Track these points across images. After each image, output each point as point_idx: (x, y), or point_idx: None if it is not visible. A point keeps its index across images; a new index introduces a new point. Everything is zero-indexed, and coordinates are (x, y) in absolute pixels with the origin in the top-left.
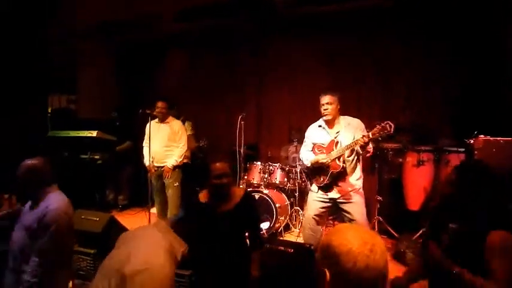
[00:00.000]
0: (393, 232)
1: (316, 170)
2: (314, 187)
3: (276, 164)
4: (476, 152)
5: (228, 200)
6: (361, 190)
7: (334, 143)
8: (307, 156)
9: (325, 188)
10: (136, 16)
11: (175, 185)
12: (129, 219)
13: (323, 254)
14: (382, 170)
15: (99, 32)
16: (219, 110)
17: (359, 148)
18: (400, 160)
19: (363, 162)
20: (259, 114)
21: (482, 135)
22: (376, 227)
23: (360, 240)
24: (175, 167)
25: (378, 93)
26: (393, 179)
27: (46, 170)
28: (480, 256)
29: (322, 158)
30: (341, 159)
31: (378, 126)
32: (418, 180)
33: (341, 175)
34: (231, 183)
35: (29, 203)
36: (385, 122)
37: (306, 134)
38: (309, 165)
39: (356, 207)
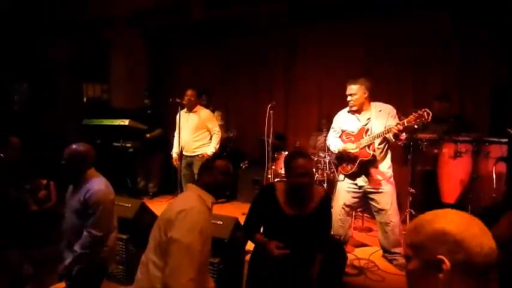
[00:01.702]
0: None
1: (343, 158)
2: (342, 176)
3: None
4: None
5: (305, 202)
6: (392, 179)
7: (364, 131)
8: (335, 143)
9: (353, 176)
10: (165, 5)
11: None
12: (159, 207)
13: (439, 242)
14: (415, 161)
15: (128, 22)
16: (245, 102)
17: (391, 136)
18: (436, 151)
19: (395, 153)
20: (287, 104)
21: None
22: (407, 219)
23: (474, 224)
24: (214, 154)
25: (411, 81)
26: (427, 171)
27: (89, 154)
28: None
29: (351, 147)
30: (371, 147)
31: (414, 113)
32: (454, 173)
33: (370, 163)
34: (313, 183)
35: (71, 186)
36: (423, 110)
37: (335, 120)
38: (336, 152)
39: (386, 197)
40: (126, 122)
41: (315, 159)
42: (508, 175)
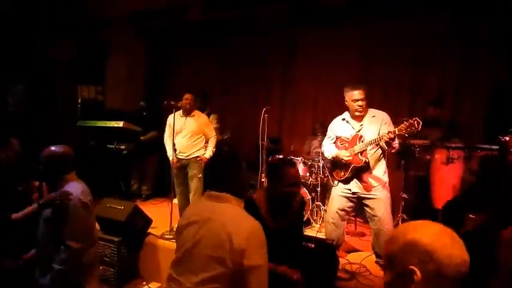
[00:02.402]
0: None
1: (337, 164)
2: (336, 182)
3: (298, 158)
4: (511, 149)
5: (288, 212)
6: (387, 185)
7: (357, 137)
8: (329, 149)
9: (346, 182)
10: (165, 6)
11: (199, 176)
12: (152, 209)
13: (411, 253)
14: (408, 166)
15: (128, 22)
16: (243, 103)
17: (384, 144)
18: (428, 157)
19: (389, 158)
20: (282, 108)
21: None
22: (399, 224)
23: (446, 235)
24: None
25: (406, 87)
26: (420, 177)
27: (69, 157)
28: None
29: (344, 154)
30: (363, 154)
31: (405, 122)
32: (446, 178)
33: (363, 169)
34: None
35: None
36: (413, 119)
37: (330, 127)
38: (329, 158)
39: (380, 203)
40: (121, 123)
41: (309, 163)
42: (500, 181)
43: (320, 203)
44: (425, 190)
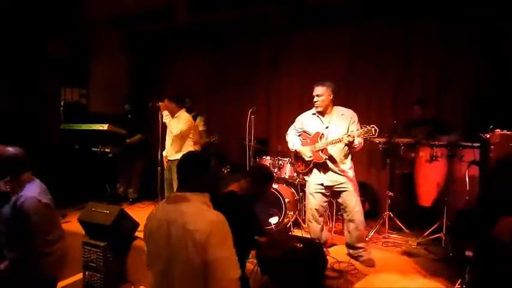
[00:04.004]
0: (404, 228)
1: (298, 158)
2: (310, 178)
3: (285, 159)
4: (492, 146)
5: None
6: (354, 179)
7: (319, 136)
8: (294, 140)
9: (314, 176)
10: (148, 8)
11: None
12: (139, 213)
13: None
14: (393, 165)
15: (111, 25)
16: (229, 104)
17: (344, 144)
18: (413, 155)
19: (374, 157)
20: (269, 109)
21: (498, 130)
22: (386, 222)
23: None
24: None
25: (390, 87)
26: (405, 174)
27: (21, 157)
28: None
29: (306, 153)
30: (323, 151)
31: (363, 128)
32: (431, 176)
33: (323, 165)
34: None
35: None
36: (371, 126)
37: (298, 119)
38: (292, 149)
39: (350, 195)
40: (105, 126)
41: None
42: (480, 178)
43: None
44: (410, 188)
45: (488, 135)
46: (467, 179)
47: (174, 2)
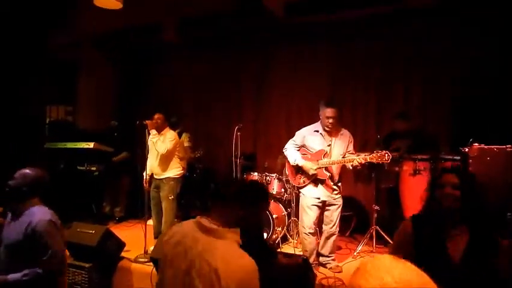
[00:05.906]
0: (390, 241)
1: (299, 170)
2: (306, 191)
3: (272, 175)
4: (471, 160)
5: None
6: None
7: (323, 153)
8: (294, 155)
9: (310, 190)
10: (135, 27)
11: (170, 197)
12: (126, 232)
13: None
14: (379, 179)
15: (98, 42)
16: (216, 121)
17: (349, 165)
18: (397, 169)
19: (360, 171)
20: (256, 125)
21: (476, 144)
22: (373, 236)
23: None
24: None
25: (373, 102)
26: (390, 188)
27: (40, 181)
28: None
29: (311, 167)
30: (328, 168)
31: (376, 153)
32: (414, 189)
33: (322, 181)
34: None
35: (9, 215)
36: (384, 152)
37: (298, 134)
38: (293, 163)
39: (338, 209)
40: (91, 144)
41: (284, 179)
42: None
43: (296, 219)
44: (396, 201)
45: (467, 149)
46: None
47: (162, 20)
